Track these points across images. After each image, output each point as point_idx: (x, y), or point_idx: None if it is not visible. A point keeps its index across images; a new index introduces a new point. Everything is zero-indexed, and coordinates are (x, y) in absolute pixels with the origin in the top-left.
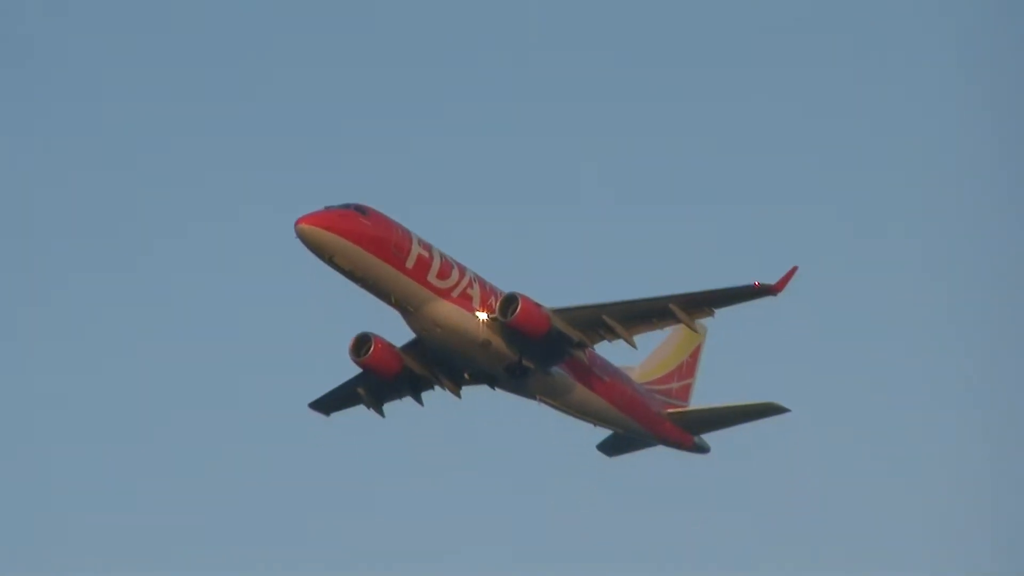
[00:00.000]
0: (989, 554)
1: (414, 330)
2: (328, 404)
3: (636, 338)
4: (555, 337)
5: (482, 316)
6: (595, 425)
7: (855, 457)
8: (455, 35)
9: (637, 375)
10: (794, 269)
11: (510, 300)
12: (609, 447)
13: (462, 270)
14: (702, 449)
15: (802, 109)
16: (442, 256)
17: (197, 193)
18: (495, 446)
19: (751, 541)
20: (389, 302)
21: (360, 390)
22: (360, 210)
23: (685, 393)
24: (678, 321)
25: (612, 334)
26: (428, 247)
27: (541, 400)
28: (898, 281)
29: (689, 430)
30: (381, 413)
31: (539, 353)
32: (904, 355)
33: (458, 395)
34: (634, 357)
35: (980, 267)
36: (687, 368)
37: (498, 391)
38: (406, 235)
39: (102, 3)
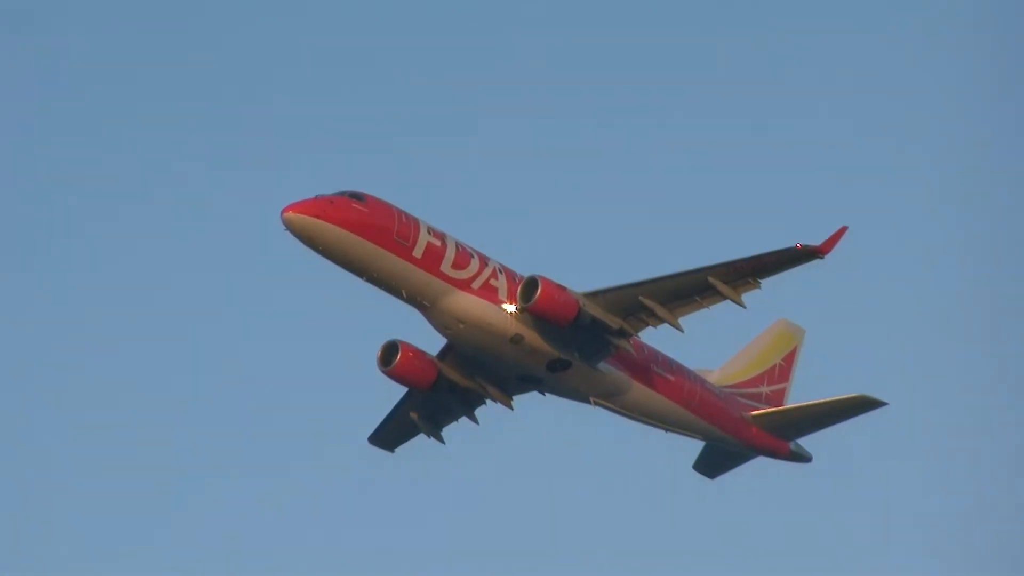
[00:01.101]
0: None
1: (437, 329)
2: (387, 438)
3: (684, 321)
4: (588, 324)
5: (509, 308)
6: (666, 431)
7: (958, 453)
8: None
9: (716, 378)
10: (843, 229)
11: (530, 283)
12: (705, 465)
13: (484, 259)
14: (802, 457)
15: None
16: (458, 245)
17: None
18: (574, 464)
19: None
20: (402, 297)
21: (413, 414)
22: (355, 196)
23: (779, 399)
24: (722, 297)
25: (654, 317)
26: (441, 235)
27: (596, 402)
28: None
29: (781, 435)
30: (441, 440)
31: (577, 344)
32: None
33: (510, 406)
34: (714, 360)
35: None
36: (780, 372)
37: (549, 397)
38: (412, 222)
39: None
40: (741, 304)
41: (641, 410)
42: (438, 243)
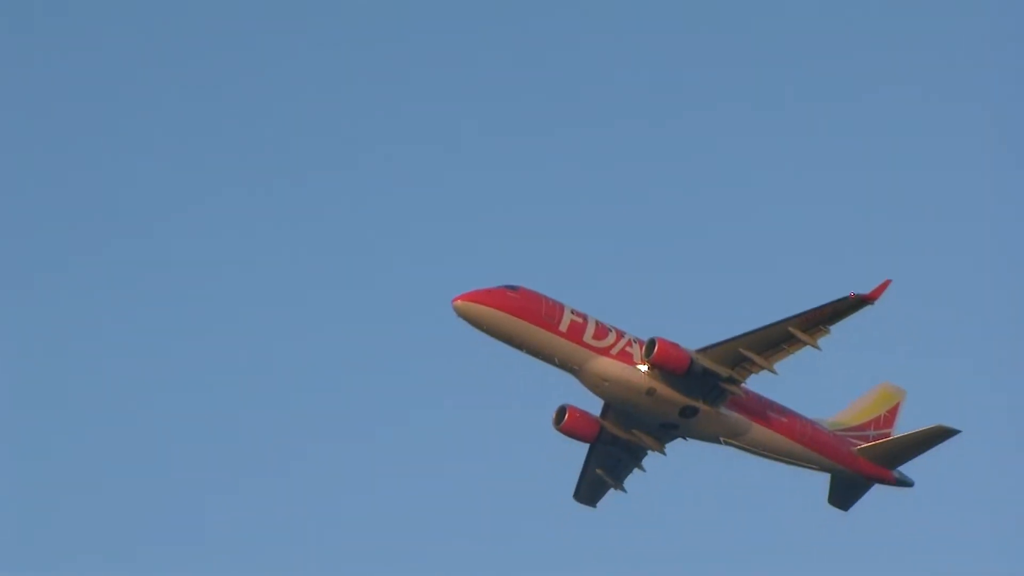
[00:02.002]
0: None
1: (589, 388)
2: (587, 493)
3: (779, 367)
4: (701, 373)
5: (643, 368)
6: (790, 464)
7: None
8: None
9: (829, 423)
10: (887, 282)
11: (650, 343)
12: (836, 498)
13: (620, 332)
14: (905, 483)
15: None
16: (598, 322)
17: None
18: (724, 501)
19: None
20: (554, 364)
21: (599, 471)
22: (510, 287)
23: None
24: (803, 343)
25: (755, 365)
26: (583, 315)
27: (726, 441)
28: None
29: (885, 464)
30: (623, 488)
31: (699, 391)
32: None
33: (662, 451)
34: (828, 411)
35: None
36: (884, 420)
37: (692, 443)
38: (557, 305)
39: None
40: (817, 347)
41: (764, 446)
42: (580, 320)
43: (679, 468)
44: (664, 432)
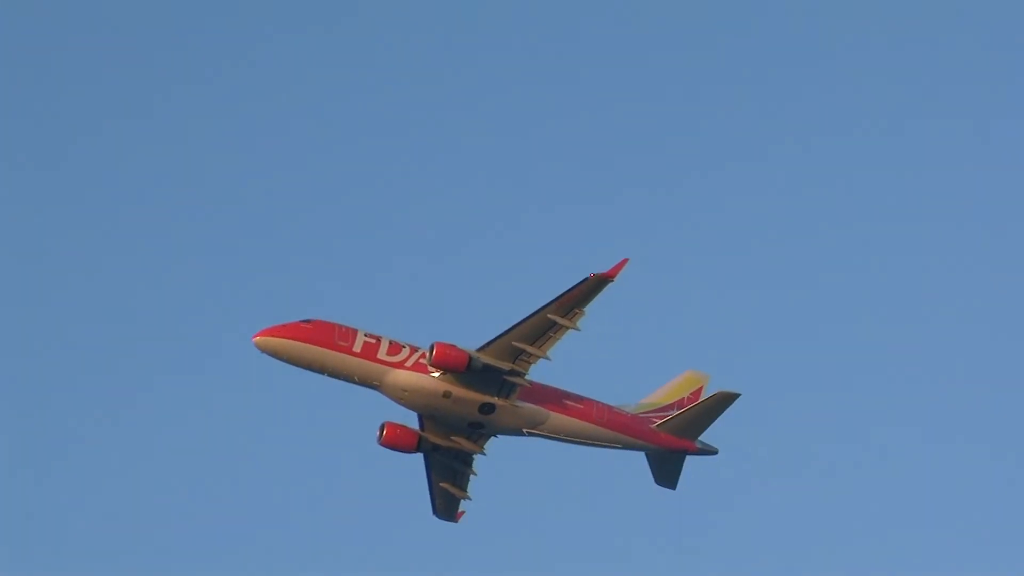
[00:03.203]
0: None
1: (394, 400)
2: (443, 508)
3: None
4: (482, 369)
5: (436, 374)
6: (597, 446)
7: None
8: None
9: (634, 409)
10: (624, 260)
11: (430, 347)
12: (660, 478)
13: (414, 348)
14: (708, 451)
15: None
16: (392, 340)
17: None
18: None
19: None
20: (356, 382)
21: (442, 484)
22: (306, 321)
23: None
24: (566, 327)
25: (530, 354)
26: (376, 336)
27: (529, 433)
28: None
29: (686, 436)
30: (468, 496)
31: (488, 387)
32: None
33: (483, 451)
34: (633, 397)
35: None
36: (688, 401)
37: (501, 439)
38: (351, 331)
39: None
40: (577, 329)
41: (565, 432)
42: (373, 341)
43: (507, 465)
44: (474, 432)
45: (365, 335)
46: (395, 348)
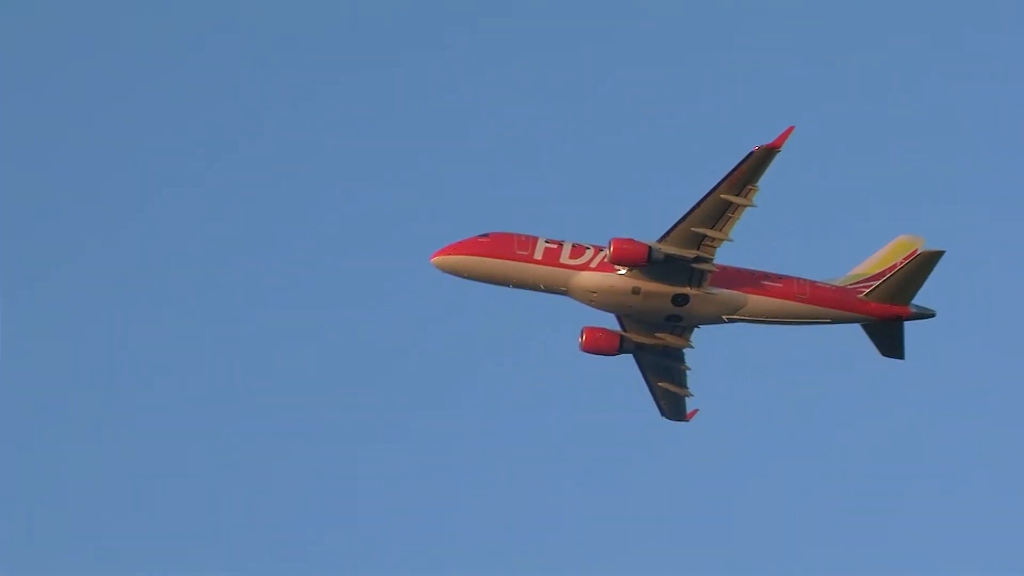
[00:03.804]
0: None
1: (584, 303)
2: (670, 409)
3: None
4: (665, 259)
5: (622, 271)
6: (804, 324)
7: None
8: None
9: (842, 281)
10: (790, 128)
11: (608, 245)
12: (884, 349)
13: (598, 248)
14: (925, 314)
15: None
16: (574, 244)
17: None
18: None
19: None
20: (542, 290)
21: (660, 384)
22: (482, 235)
23: None
24: (742, 205)
25: (712, 238)
26: (558, 242)
27: (729, 319)
28: None
29: (898, 301)
30: (689, 392)
31: (677, 278)
32: None
33: (689, 344)
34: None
35: None
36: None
37: (704, 329)
38: (530, 239)
39: None
40: (753, 205)
41: (767, 313)
42: (555, 246)
43: (720, 355)
44: (674, 325)
45: (546, 241)
46: (578, 251)
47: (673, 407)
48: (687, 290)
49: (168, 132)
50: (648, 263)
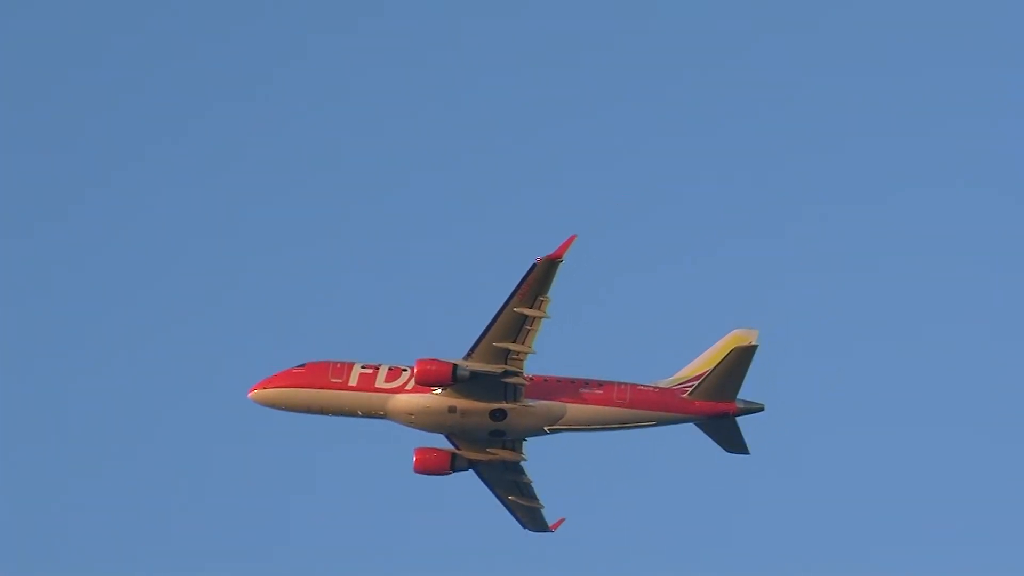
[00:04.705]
0: None
1: (405, 426)
2: (529, 520)
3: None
4: (472, 376)
5: (437, 391)
6: (636, 428)
7: None
8: None
9: (668, 382)
10: (572, 237)
11: (413, 368)
12: (727, 445)
13: (413, 370)
14: (753, 408)
15: None
16: (391, 367)
17: None
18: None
19: None
20: (360, 415)
21: (510, 497)
22: (298, 366)
23: None
24: (539, 316)
25: (516, 352)
26: (374, 365)
27: (551, 430)
28: None
29: (722, 398)
30: (540, 504)
31: (488, 394)
32: None
33: (522, 457)
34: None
35: None
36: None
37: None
38: (345, 365)
39: None
40: (547, 316)
41: (588, 421)
42: (370, 371)
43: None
44: (498, 440)
45: (362, 366)
46: (394, 373)
47: (531, 519)
48: (503, 405)
49: None
50: (455, 382)
